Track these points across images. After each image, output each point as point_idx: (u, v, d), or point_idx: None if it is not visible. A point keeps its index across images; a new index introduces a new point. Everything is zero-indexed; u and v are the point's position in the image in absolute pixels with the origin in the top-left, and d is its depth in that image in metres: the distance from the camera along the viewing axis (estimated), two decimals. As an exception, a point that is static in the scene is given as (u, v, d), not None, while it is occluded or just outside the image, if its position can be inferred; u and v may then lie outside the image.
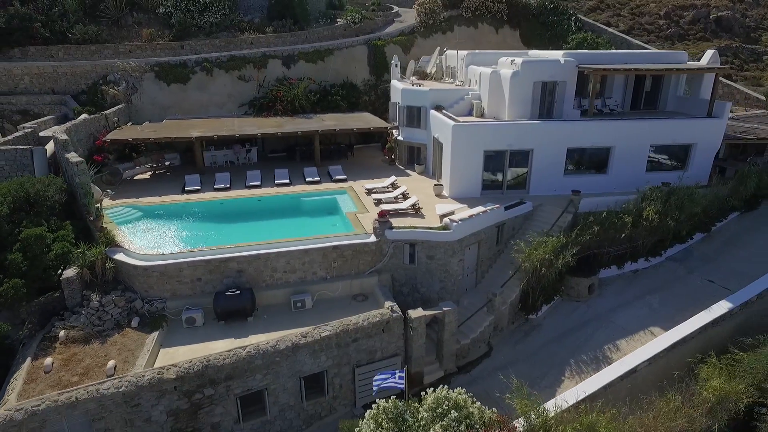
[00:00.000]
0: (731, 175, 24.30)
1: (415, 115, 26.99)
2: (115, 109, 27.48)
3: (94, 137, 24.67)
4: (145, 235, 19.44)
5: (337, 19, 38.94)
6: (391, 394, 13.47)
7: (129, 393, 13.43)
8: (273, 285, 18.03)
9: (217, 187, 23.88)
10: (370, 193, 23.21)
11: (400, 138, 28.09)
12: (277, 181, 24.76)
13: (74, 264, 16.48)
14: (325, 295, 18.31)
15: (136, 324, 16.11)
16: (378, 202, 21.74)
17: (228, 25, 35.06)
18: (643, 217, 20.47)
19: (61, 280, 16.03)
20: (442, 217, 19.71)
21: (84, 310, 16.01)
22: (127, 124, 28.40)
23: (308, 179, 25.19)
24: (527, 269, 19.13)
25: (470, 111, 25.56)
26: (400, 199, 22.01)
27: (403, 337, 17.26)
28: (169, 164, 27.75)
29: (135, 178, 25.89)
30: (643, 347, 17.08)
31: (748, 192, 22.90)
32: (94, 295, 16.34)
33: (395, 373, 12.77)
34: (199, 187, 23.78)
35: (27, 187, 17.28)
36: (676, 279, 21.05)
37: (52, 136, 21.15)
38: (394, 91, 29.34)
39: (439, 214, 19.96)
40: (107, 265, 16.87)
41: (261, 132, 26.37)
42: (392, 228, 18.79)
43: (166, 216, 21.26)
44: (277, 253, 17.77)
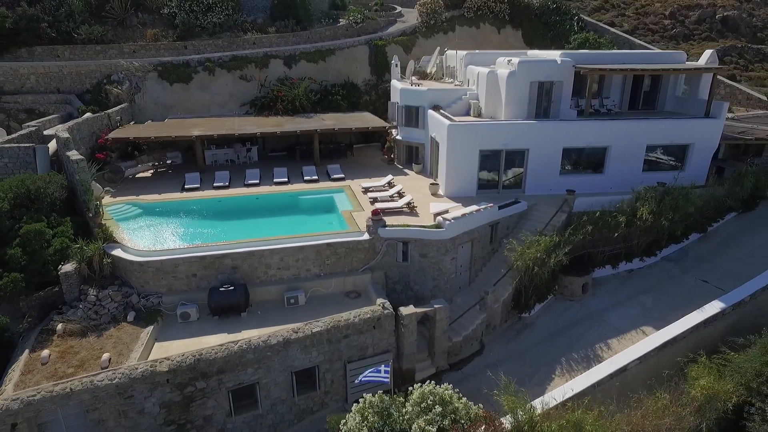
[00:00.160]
0: (730, 176, 24.21)
1: (413, 115, 27.17)
2: (118, 108, 27.94)
3: (97, 136, 25.13)
4: (144, 232, 19.82)
5: (340, 20, 39.20)
6: (379, 389, 13.71)
7: (122, 385, 13.75)
8: (267, 281, 18.32)
9: (216, 185, 24.23)
10: (366, 191, 23.44)
11: (399, 137, 28.30)
12: (276, 180, 25.07)
13: (72, 259, 16.87)
14: (319, 291, 18.56)
15: (131, 318, 16.46)
16: (373, 201, 21.96)
17: (231, 26, 35.45)
18: (636, 217, 20.50)
19: (60, 274, 16.43)
20: (436, 216, 19.88)
21: (81, 305, 16.39)
22: (129, 123, 28.87)
23: (306, 178, 25.48)
24: (519, 268, 19.25)
25: (468, 111, 25.69)
26: (396, 197, 22.21)
27: (394, 334, 17.46)
28: (171, 163, 28.16)
29: (137, 176, 26.31)
30: (634, 346, 17.11)
31: (745, 192, 22.83)
32: (91, 289, 16.71)
33: (380, 368, 12.97)
34: (199, 185, 24.15)
35: (28, 184, 17.72)
36: (671, 279, 21.06)
37: (55, 135, 21.60)
38: (394, 91, 29.54)
39: (433, 213, 20.13)
40: (105, 261, 17.25)
41: (260, 131, 26.69)
42: (385, 226, 19.00)
43: (165, 213, 21.63)
44: (271, 250, 18.06)
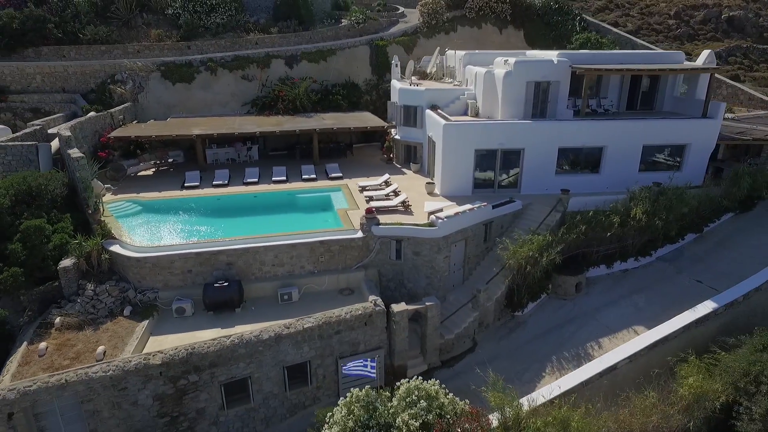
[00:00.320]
0: (727, 176, 24.15)
1: (411, 115, 27.37)
2: (121, 108, 28.42)
3: (99, 134, 25.61)
4: (143, 228, 20.19)
5: (342, 20, 39.48)
6: (366, 384, 13.94)
7: (116, 377, 14.08)
8: (261, 278, 18.62)
9: (215, 183, 24.58)
10: (363, 190, 23.68)
11: (398, 137, 28.51)
12: (274, 178, 25.37)
13: (71, 255, 17.27)
14: (312, 288, 18.83)
15: (128, 313, 16.83)
16: (369, 200, 22.18)
17: (234, 26, 35.85)
18: (630, 217, 20.55)
19: (58, 269, 16.83)
20: (430, 215, 20.07)
21: (79, 299, 16.78)
22: (132, 122, 29.35)
23: (305, 177, 25.75)
24: (512, 267, 19.39)
25: (466, 111, 25.84)
26: (391, 196, 22.42)
27: (386, 331, 17.65)
28: (172, 161, 28.58)
29: (139, 174, 26.73)
30: (624, 345, 17.19)
31: (742, 193, 22.77)
32: (89, 284, 17.10)
33: (367, 362, 13.19)
34: (198, 183, 24.50)
35: (29, 181, 18.16)
36: (665, 279, 21.09)
37: (57, 133, 22.06)
38: (393, 91, 29.75)
39: (427, 212, 20.31)
40: (103, 256, 17.64)
41: (260, 130, 27.02)
42: (379, 224, 19.22)
43: (165, 210, 21.99)
44: (266, 247, 18.35)
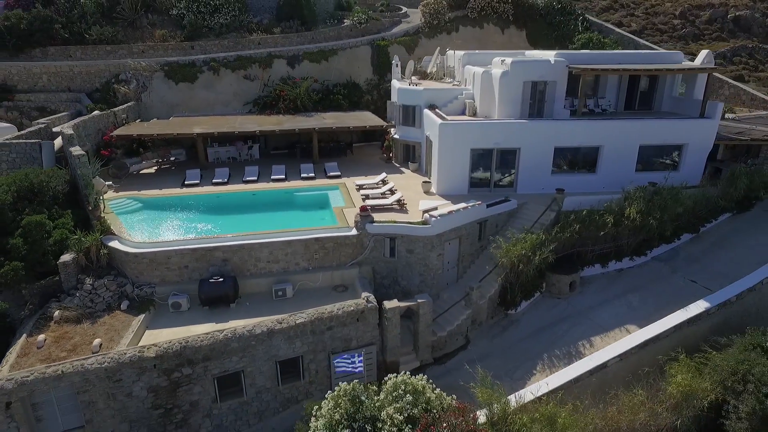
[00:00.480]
0: (724, 176, 24.08)
1: (410, 114, 27.56)
2: (124, 107, 28.91)
3: (102, 133, 26.08)
4: (142, 225, 20.57)
5: (344, 20, 39.75)
6: (355, 378, 14.18)
7: (111, 369, 14.44)
8: (257, 274, 18.92)
9: (215, 181, 24.94)
10: (360, 189, 23.91)
11: (397, 136, 28.72)
12: (273, 177, 25.67)
13: (71, 250, 17.68)
14: (307, 285, 19.10)
15: (125, 307, 17.19)
16: (366, 198, 22.42)
17: (237, 26, 36.25)
18: (624, 216, 20.60)
19: (58, 264, 17.24)
20: (425, 213, 20.25)
21: (78, 293, 17.18)
22: (136, 120, 29.82)
23: (303, 175, 26.03)
24: (504, 265, 19.52)
25: (464, 110, 26.00)
26: (387, 194, 22.64)
27: (378, 327, 17.87)
28: (175, 159, 28.98)
29: (141, 172, 27.14)
30: (615, 343, 17.30)
31: (739, 193, 22.70)
32: (88, 279, 17.50)
33: (354, 357, 13.42)
34: (198, 181, 24.87)
35: (31, 178, 18.61)
36: (659, 279, 21.11)
37: (60, 131, 22.53)
38: (393, 91, 29.95)
39: (421, 210, 20.51)
40: (102, 252, 18.04)
41: (260, 129, 27.36)
42: (373, 222, 19.45)
43: (164, 207, 22.37)
44: (261, 243, 18.65)
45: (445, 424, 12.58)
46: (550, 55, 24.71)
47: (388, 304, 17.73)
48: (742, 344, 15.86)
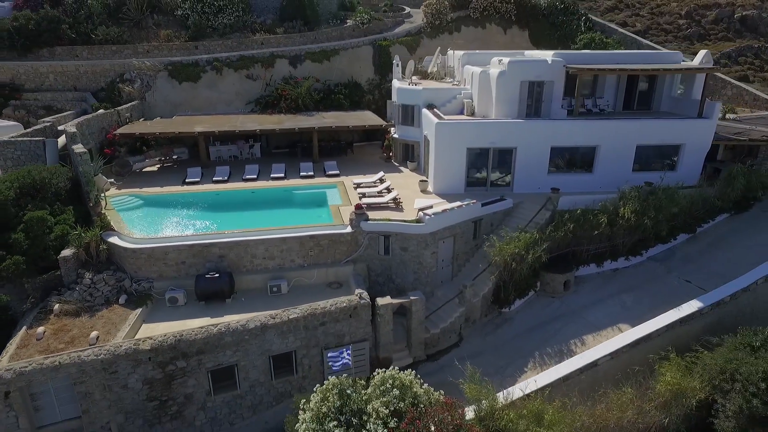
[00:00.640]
0: (722, 177, 23.99)
1: (409, 114, 27.76)
2: (128, 106, 29.40)
3: (106, 131, 26.57)
4: (142, 221, 20.97)
5: (347, 21, 40.02)
6: (345, 373, 14.40)
7: (107, 360, 14.80)
8: (252, 270, 19.23)
9: (215, 179, 25.32)
10: (357, 187, 24.14)
11: (396, 136, 28.93)
12: (273, 175, 25.99)
13: (72, 245, 18.11)
14: (302, 281, 19.37)
15: (123, 301, 17.58)
16: (362, 196, 22.65)
17: (241, 27, 36.65)
18: (619, 216, 20.64)
19: (59, 259, 17.66)
20: (419, 211, 20.44)
21: (78, 287, 17.60)
22: (139, 119, 30.30)
23: (303, 174, 26.32)
24: (498, 263, 19.65)
25: (462, 110, 26.14)
26: (384, 193, 22.86)
27: (371, 324, 18.10)
28: (177, 158, 29.42)
29: (144, 170, 27.62)
30: (606, 342, 17.35)
31: (736, 193, 22.61)
32: (87, 273, 17.91)
33: (343, 351, 13.67)
34: (199, 179, 25.27)
35: (33, 175, 19.07)
36: (654, 278, 21.10)
37: (63, 130, 23.02)
38: (394, 90, 30.17)
39: (417, 208, 20.70)
40: (101, 247, 18.45)
41: (260, 128, 27.70)
42: (368, 220, 19.68)
43: (165, 205, 22.77)
44: (257, 240, 18.96)
45: (431, 419, 12.80)
46: (548, 55, 24.78)
47: (381, 301, 17.95)
48: (733, 344, 15.88)
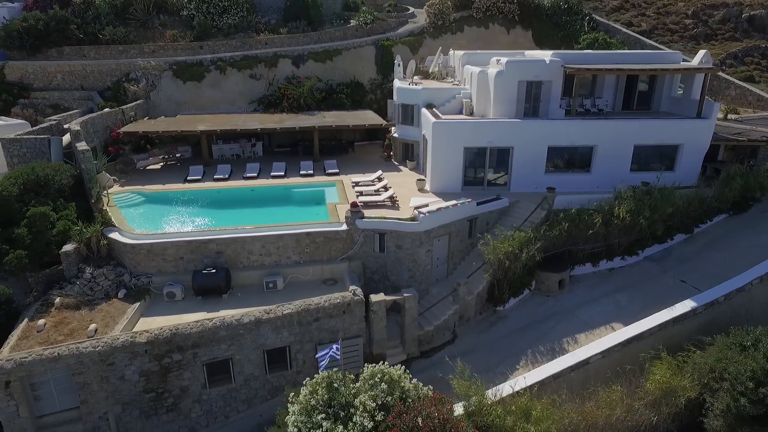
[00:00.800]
0: (720, 177, 23.91)
1: (409, 113, 27.97)
2: (132, 105, 29.92)
3: (111, 130, 27.08)
4: (143, 218, 21.39)
5: (351, 21, 40.28)
6: (334, 367, 14.64)
7: (104, 352, 15.19)
8: (249, 266, 19.56)
9: (216, 177, 25.71)
10: (355, 186, 24.40)
11: (396, 135, 29.14)
12: (273, 173, 26.33)
13: (73, 240, 18.55)
14: (298, 278, 19.66)
15: (122, 295, 18.00)
16: (360, 194, 22.90)
17: (245, 27, 37.06)
18: (614, 216, 20.68)
19: (60, 253, 18.11)
20: (415, 209, 20.64)
21: (78, 281, 18.04)
22: (144, 118, 30.80)
23: (302, 172, 26.63)
24: (492, 262, 19.79)
25: (461, 110, 26.29)
26: (381, 191, 23.10)
27: (365, 320, 18.34)
28: (180, 156, 29.89)
29: (147, 168, 28.11)
30: (598, 340, 17.43)
31: (733, 194, 22.54)
32: (88, 268, 18.34)
33: (332, 347, 13.93)
34: (201, 177, 25.68)
35: (37, 171, 19.56)
36: (650, 278, 21.12)
37: (68, 128, 23.53)
38: (394, 90, 30.38)
39: (412, 206, 20.91)
40: (102, 242, 18.88)
41: (261, 127, 28.06)
42: (363, 218, 19.92)
43: (166, 202, 23.19)
44: (254, 237, 19.28)
45: (418, 413, 13.00)
46: (547, 54, 24.86)
47: (375, 298, 18.17)
48: (724, 343, 15.90)
